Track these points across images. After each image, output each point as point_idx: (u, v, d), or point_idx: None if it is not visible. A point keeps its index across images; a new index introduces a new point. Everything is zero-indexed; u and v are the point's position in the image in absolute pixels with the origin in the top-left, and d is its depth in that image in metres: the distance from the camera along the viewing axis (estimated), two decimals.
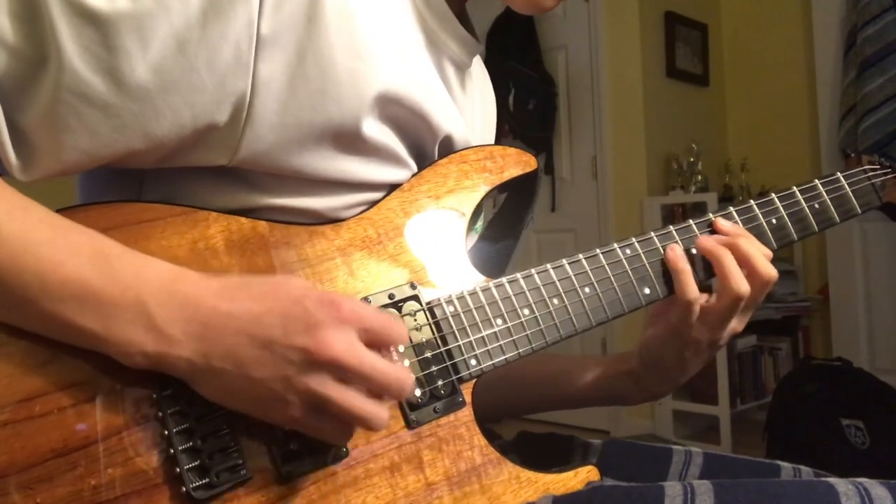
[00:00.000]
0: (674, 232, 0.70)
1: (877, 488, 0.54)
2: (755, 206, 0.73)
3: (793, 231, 0.73)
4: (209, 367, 0.47)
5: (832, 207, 0.75)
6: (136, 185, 0.58)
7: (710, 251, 0.67)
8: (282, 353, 0.46)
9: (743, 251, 0.66)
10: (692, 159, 3.09)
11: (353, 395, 0.48)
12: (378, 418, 0.49)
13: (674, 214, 3.07)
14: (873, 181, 0.77)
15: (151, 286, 0.47)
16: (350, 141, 0.57)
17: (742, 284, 0.65)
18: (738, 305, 0.66)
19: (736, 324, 0.68)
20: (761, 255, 0.67)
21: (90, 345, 0.47)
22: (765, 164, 3.28)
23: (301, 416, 0.48)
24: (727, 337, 0.69)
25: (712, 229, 0.70)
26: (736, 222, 0.71)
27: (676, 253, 0.67)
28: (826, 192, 0.75)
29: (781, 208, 0.73)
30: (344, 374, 0.47)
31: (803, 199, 0.74)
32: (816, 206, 0.75)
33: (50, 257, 0.45)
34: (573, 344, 0.69)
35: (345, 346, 0.47)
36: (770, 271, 0.66)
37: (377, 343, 0.50)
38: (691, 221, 0.70)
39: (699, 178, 3.08)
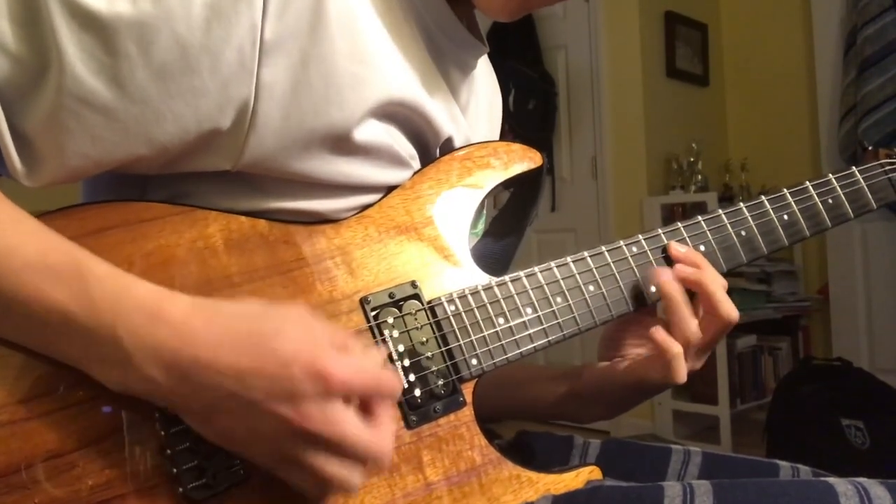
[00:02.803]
0: (682, 229, 0.69)
1: (876, 488, 0.54)
2: (766, 202, 0.71)
3: (805, 227, 0.72)
4: (187, 409, 0.47)
5: (846, 202, 0.74)
6: (140, 190, 0.58)
7: (663, 289, 0.65)
8: (260, 416, 0.45)
9: (707, 290, 0.65)
10: (692, 159, 3.09)
11: (327, 463, 0.47)
12: (349, 485, 0.48)
13: (674, 214, 3.07)
14: (890, 175, 0.76)
15: (128, 322, 0.45)
16: (354, 145, 0.57)
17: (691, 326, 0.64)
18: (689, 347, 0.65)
19: (693, 362, 0.67)
20: (724, 294, 0.65)
21: (74, 365, 0.47)
22: (765, 164, 3.28)
23: (275, 467, 0.48)
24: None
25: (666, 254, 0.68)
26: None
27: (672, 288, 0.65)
28: (840, 186, 0.74)
29: (794, 204, 0.72)
30: (320, 444, 0.46)
31: (816, 193, 0.73)
32: (830, 201, 0.73)
33: (31, 282, 0.44)
34: (574, 343, 0.68)
35: (327, 420, 0.45)
36: (732, 313, 0.65)
37: (369, 399, 0.49)
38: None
39: (699, 177, 3.08)
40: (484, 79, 0.80)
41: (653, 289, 0.67)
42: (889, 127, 2.72)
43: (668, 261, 0.68)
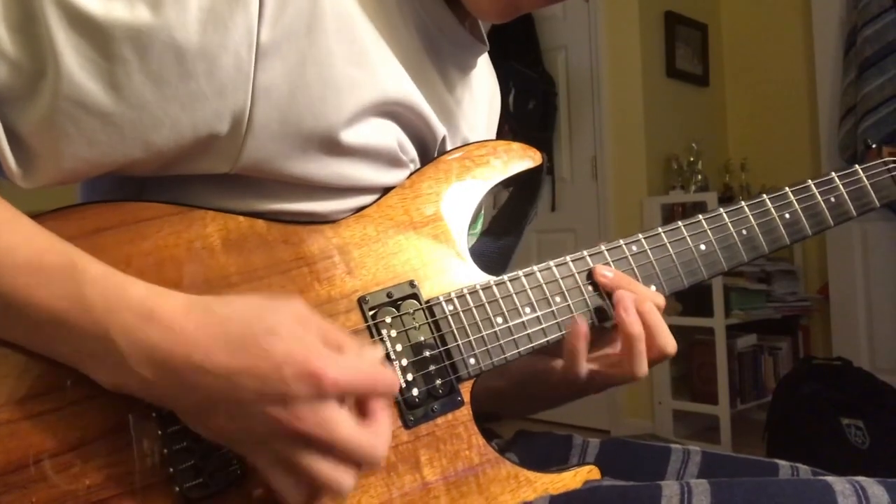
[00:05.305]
0: (682, 228, 0.69)
1: (874, 487, 0.54)
2: (768, 201, 0.71)
3: (807, 226, 0.72)
4: (180, 408, 0.47)
5: (849, 201, 0.74)
6: (137, 190, 0.58)
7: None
8: (253, 416, 0.45)
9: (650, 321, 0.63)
10: (692, 159, 3.09)
11: (320, 465, 0.46)
12: (341, 488, 0.47)
13: (673, 214, 3.07)
14: (893, 173, 0.75)
15: (121, 323, 0.45)
16: (352, 147, 0.57)
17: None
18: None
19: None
20: (664, 327, 0.64)
21: (68, 364, 0.47)
22: (765, 164, 3.28)
23: (270, 469, 0.47)
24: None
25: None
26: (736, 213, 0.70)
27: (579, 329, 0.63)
28: (843, 185, 0.74)
29: (795, 202, 0.72)
30: (313, 445, 0.46)
31: (818, 192, 0.73)
32: (832, 199, 0.73)
33: (25, 283, 0.45)
34: None
35: (319, 421, 0.45)
36: (669, 346, 0.64)
37: (365, 398, 0.48)
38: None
39: (699, 177, 3.08)
40: (483, 77, 0.81)
41: (653, 287, 0.67)
42: (889, 127, 2.72)
43: (671, 262, 0.68)
